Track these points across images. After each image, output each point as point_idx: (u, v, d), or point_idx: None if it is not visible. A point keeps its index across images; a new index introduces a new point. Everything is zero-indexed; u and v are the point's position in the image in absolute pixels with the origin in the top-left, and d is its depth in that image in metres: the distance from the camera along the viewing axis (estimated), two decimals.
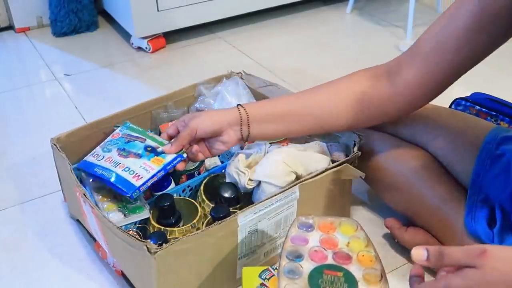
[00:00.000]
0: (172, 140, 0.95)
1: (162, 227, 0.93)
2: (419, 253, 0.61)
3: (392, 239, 1.06)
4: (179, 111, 1.20)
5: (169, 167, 0.94)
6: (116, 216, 0.94)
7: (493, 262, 0.56)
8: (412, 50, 0.85)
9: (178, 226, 0.94)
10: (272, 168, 0.94)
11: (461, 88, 1.58)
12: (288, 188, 0.91)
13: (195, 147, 0.94)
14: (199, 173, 1.08)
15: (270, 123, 0.93)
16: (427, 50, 0.81)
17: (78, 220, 1.11)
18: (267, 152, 1.01)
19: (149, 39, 1.86)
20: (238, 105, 0.93)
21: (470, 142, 0.95)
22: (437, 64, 0.81)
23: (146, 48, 1.88)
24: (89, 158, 0.99)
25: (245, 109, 0.92)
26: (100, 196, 0.99)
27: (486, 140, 0.92)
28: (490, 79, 1.65)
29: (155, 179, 0.93)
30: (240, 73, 1.25)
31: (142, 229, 0.95)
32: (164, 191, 1.01)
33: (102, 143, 1.02)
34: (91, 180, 0.98)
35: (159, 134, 1.16)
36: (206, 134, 0.92)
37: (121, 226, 0.86)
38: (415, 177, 0.97)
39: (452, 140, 0.97)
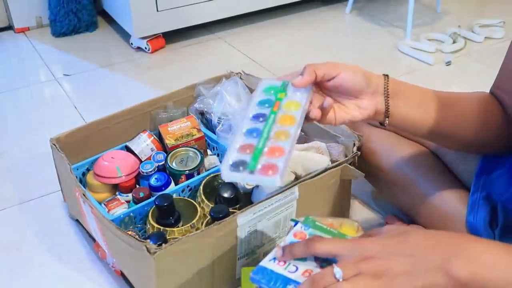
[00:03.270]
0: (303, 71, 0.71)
1: (162, 227, 0.93)
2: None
3: None
4: (178, 111, 1.20)
5: None
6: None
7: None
8: (501, 80, 0.85)
9: (178, 226, 0.94)
10: None
11: (460, 88, 1.59)
12: (288, 188, 0.91)
13: (330, 99, 0.71)
14: (198, 173, 1.08)
15: (415, 107, 0.78)
16: None
17: (77, 220, 1.11)
18: None
19: (148, 39, 1.86)
20: (384, 74, 0.76)
21: None
22: None
23: (146, 48, 1.88)
24: (270, 264, 0.63)
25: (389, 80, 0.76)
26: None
27: None
28: (489, 79, 1.64)
29: None
30: (240, 73, 1.25)
31: (142, 229, 0.95)
32: (164, 191, 1.01)
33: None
34: None
35: (159, 134, 1.16)
36: (346, 87, 0.72)
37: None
38: (417, 175, 0.97)
39: None
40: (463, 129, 0.82)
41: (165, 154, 1.11)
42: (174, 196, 1.00)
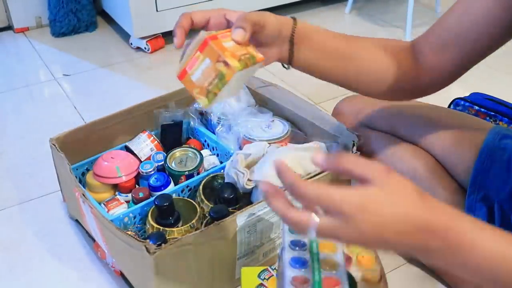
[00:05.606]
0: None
1: (161, 227, 0.93)
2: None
3: None
4: (180, 111, 1.20)
5: None
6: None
7: (395, 185, 0.52)
8: (431, 35, 0.83)
9: (177, 226, 0.94)
10: (271, 168, 0.94)
11: (460, 88, 1.59)
12: None
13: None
14: (198, 173, 1.08)
15: (317, 57, 0.78)
16: (446, 39, 0.80)
17: (77, 220, 1.11)
18: (266, 153, 1.01)
19: (148, 39, 1.86)
20: (292, 18, 0.77)
21: (470, 142, 0.95)
22: (458, 53, 0.80)
23: (145, 48, 1.88)
24: None
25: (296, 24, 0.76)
26: None
27: (487, 138, 0.92)
28: (488, 79, 1.65)
29: None
30: None
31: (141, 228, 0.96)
32: (163, 191, 1.01)
33: None
34: None
35: (160, 133, 1.16)
36: (266, 37, 0.73)
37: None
38: (414, 177, 0.97)
39: (452, 140, 0.97)
40: (364, 78, 0.83)
41: (165, 154, 1.11)
42: (174, 196, 1.00)
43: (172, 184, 1.06)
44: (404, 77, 0.83)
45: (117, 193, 1.07)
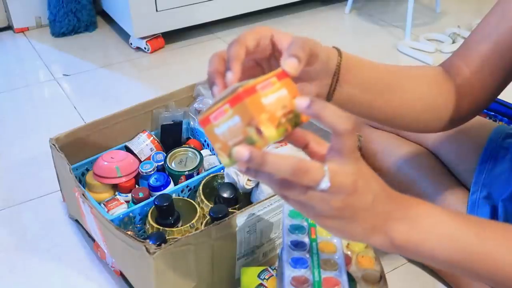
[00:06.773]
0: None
1: (161, 227, 0.93)
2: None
3: None
4: (180, 111, 1.20)
5: None
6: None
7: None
8: (466, 50, 0.76)
9: (177, 226, 0.94)
10: None
11: None
12: None
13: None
14: (198, 173, 1.08)
15: (360, 89, 0.67)
16: (485, 50, 0.73)
17: (77, 220, 1.11)
18: None
19: (148, 39, 1.86)
20: (336, 48, 0.64)
21: (473, 141, 0.95)
22: (496, 65, 0.73)
23: (145, 48, 1.88)
24: None
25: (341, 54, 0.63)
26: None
27: (491, 137, 0.92)
28: None
29: None
30: None
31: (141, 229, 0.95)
32: (163, 191, 1.01)
33: None
34: None
35: (160, 133, 1.16)
36: (314, 73, 0.61)
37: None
38: (416, 176, 0.97)
39: (455, 139, 0.97)
40: (407, 110, 0.73)
41: (165, 154, 1.11)
42: (174, 196, 1.00)
43: (172, 184, 1.06)
44: (445, 104, 0.75)
45: (117, 193, 1.07)
